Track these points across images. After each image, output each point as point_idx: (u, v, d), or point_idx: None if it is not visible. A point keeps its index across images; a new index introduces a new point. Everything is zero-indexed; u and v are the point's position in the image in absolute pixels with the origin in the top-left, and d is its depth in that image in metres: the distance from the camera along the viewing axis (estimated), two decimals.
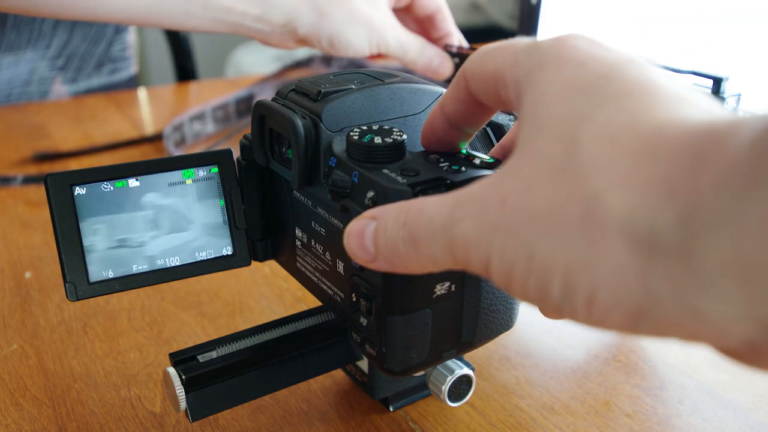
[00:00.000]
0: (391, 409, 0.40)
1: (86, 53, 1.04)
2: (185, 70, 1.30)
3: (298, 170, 0.32)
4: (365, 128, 0.30)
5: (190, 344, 0.38)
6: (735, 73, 0.42)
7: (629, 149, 0.19)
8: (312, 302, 0.50)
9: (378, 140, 0.29)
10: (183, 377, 0.33)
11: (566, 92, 0.21)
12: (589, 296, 0.19)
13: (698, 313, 0.17)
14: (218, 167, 0.36)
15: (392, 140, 0.29)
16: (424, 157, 0.29)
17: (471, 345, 0.32)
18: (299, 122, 0.31)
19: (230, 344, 0.35)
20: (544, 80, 0.22)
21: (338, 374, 0.43)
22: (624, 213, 0.19)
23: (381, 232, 0.25)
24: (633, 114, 0.20)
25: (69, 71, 1.03)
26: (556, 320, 0.44)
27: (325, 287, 0.34)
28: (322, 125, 0.32)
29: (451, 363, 0.36)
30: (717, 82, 0.41)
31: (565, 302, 0.20)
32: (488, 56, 0.25)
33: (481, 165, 0.29)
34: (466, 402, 0.40)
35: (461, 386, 0.37)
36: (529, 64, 0.23)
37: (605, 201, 0.19)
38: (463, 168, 0.28)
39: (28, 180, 0.73)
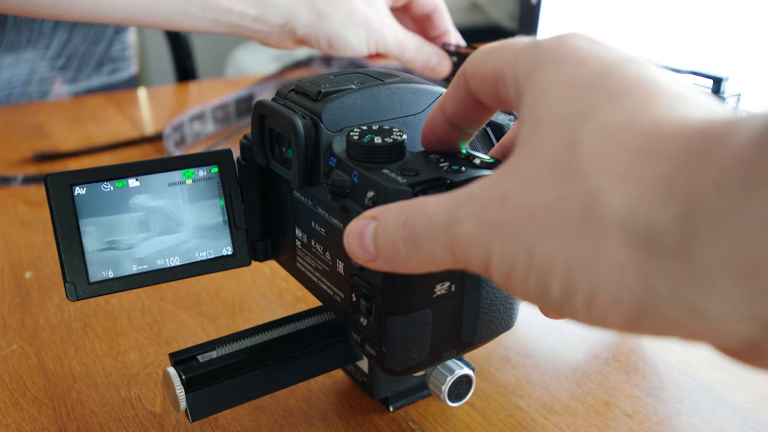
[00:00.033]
0: (391, 409, 0.40)
1: (86, 53, 1.04)
2: (185, 70, 1.30)
3: (298, 170, 0.32)
4: (365, 128, 0.30)
5: (190, 344, 0.38)
6: (735, 73, 0.42)
7: (629, 148, 0.19)
8: (312, 302, 0.50)
9: (378, 140, 0.29)
10: (183, 377, 0.33)
11: (566, 91, 0.21)
12: (589, 295, 0.19)
13: (698, 312, 0.17)
14: (218, 167, 0.36)
15: (392, 140, 0.29)
16: (424, 157, 0.29)
17: (471, 345, 0.32)
18: (299, 122, 0.31)
19: (230, 344, 0.35)
20: (544, 79, 0.22)
21: (338, 374, 0.43)
22: (624, 212, 0.19)
23: (381, 232, 0.25)
24: (633, 113, 0.20)
25: (69, 71, 1.03)
26: (556, 320, 0.44)
27: (325, 287, 0.34)
28: (322, 125, 0.32)
29: (451, 363, 0.36)
30: (717, 82, 0.41)
31: (565, 302, 0.20)
32: (488, 56, 0.25)
33: (481, 165, 0.29)
34: (466, 402, 0.40)
35: (461, 386, 0.37)
36: (529, 64, 0.23)
37: (605, 200, 0.19)
38: (463, 168, 0.28)
39: (28, 180, 0.73)
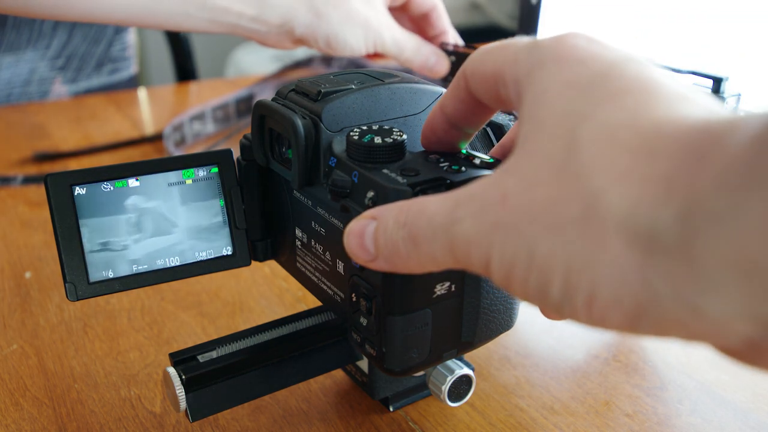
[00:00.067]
0: (391, 409, 0.40)
1: (86, 53, 1.04)
2: (185, 70, 1.30)
3: (298, 170, 0.32)
4: (365, 128, 0.30)
5: (190, 344, 0.38)
6: (735, 73, 0.42)
7: (629, 147, 0.19)
8: (312, 302, 0.50)
9: (378, 140, 0.29)
10: (183, 377, 0.33)
11: (566, 91, 0.21)
12: (589, 295, 0.19)
13: (698, 312, 0.17)
14: (218, 167, 0.36)
15: (392, 140, 0.29)
16: (424, 157, 0.29)
17: (471, 345, 0.32)
18: (299, 122, 0.31)
19: (230, 344, 0.35)
20: (544, 79, 0.22)
21: (338, 374, 0.43)
22: (623, 211, 0.19)
23: (381, 232, 0.25)
24: (632, 112, 0.20)
25: (69, 71, 1.03)
26: (556, 320, 0.44)
27: (325, 287, 0.34)
28: (322, 125, 0.32)
29: (451, 363, 0.36)
30: (717, 82, 0.41)
31: (566, 301, 0.20)
32: (488, 56, 0.25)
33: (481, 165, 0.29)
34: (466, 402, 0.40)
35: (461, 386, 0.37)
36: (529, 63, 0.23)
37: (605, 199, 0.19)
38: (463, 168, 0.28)
39: (28, 180, 0.73)
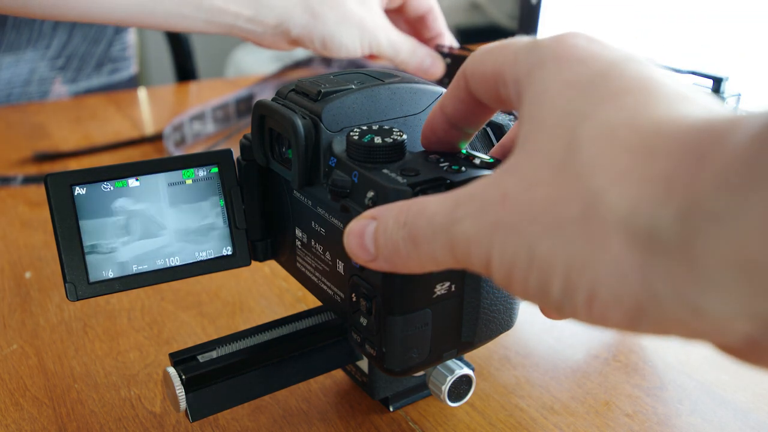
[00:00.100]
0: (391, 409, 0.40)
1: (86, 53, 1.04)
2: (185, 70, 1.30)
3: (298, 170, 0.32)
4: (365, 128, 0.30)
5: (190, 344, 0.38)
6: (735, 73, 0.42)
7: (629, 147, 0.19)
8: (312, 302, 0.50)
9: (378, 140, 0.29)
10: (183, 377, 0.33)
11: (566, 90, 0.21)
12: (590, 294, 0.19)
13: (698, 311, 0.17)
14: (218, 167, 0.36)
15: (392, 140, 0.29)
16: (424, 157, 0.29)
17: (471, 345, 0.32)
18: (299, 122, 0.31)
19: (230, 344, 0.35)
20: (544, 78, 0.22)
21: (338, 374, 0.43)
22: (623, 211, 0.19)
23: (381, 232, 0.25)
24: (632, 112, 0.20)
25: (69, 71, 1.03)
26: (557, 320, 0.44)
27: (325, 287, 0.34)
28: (322, 125, 0.32)
29: (451, 363, 0.36)
30: (717, 82, 0.41)
31: (566, 301, 0.20)
32: (488, 55, 0.25)
33: (481, 165, 0.29)
34: (466, 402, 0.40)
35: (461, 386, 0.37)
36: (529, 63, 0.23)
37: (605, 199, 0.19)
38: (463, 168, 0.28)
39: (28, 180, 0.73)
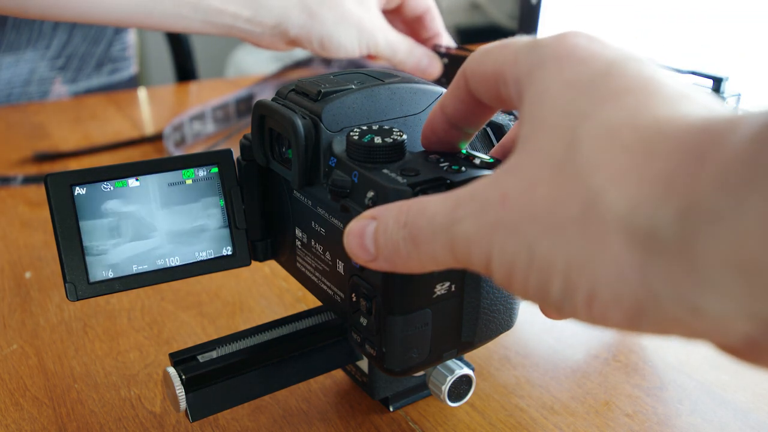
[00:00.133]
0: (391, 409, 0.40)
1: (86, 53, 1.04)
2: (185, 70, 1.30)
3: (298, 170, 0.32)
4: (365, 128, 0.30)
5: (190, 344, 0.38)
6: (735, 73, 0.42)
7: (629, 147, 0.19)
8: (312, 302, 0.50)
9: (378, 140, 0.29)
10: (183, 377, 0.33)
11: (566, 90, 0.21)
12: (589, 294, 0.19)
13: (698, 311, 0.17)
14: (218, 167, 0.36)
15: (392, 140, 0.29)
16: (424, 157, 0.29)
17: (471, 345, 0.32)
18: (299, 122, 0.31)
19: (230, 344, 0.35)
20: (545, 78, 0.22)
21: (338, 374, 0.43)
22: (623, 210, 0.19)
23: (381, 232, 0.25)
24: (633, 111, 0.20)
25: (69, 71, 1.03)
26: (556, 320, 0.44)
27: (325, 287, 0.34)
28: (322, 125, 0.32)
29: (451, 363, 0.36)
30: (717, 82, 0.41)
31: (566, 300, 0.20)
32: (488, 55, 0.25)
33: (481, 165, 0.29)
34: (466, 402, 0.40)
35: (461, 386, 0.37)
36: (530, 62, 0.23)
37: (605, 199, 0.19)
38: (463, 168, 0.28)
39: (28, 180, 0.73)
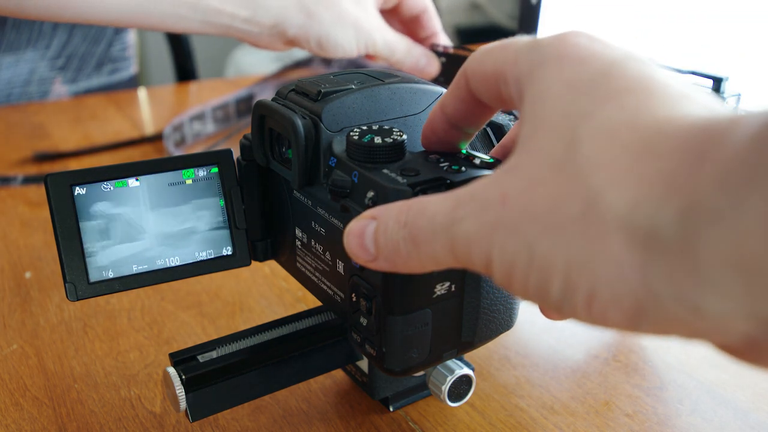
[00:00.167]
0: (391, 409, 0.40)
1: (86, 53, 1.04)
2: (185, 70, 1.30)
3: (298, 170, 0.32)
4: (365, 128, 0.30)
5: (190, 344, 0.38)
6: (735, 73, 0.42)
7: (629, 147, 0.19)
8: (312, 302, 0.50)
9: (378, 140, 0.29)
10: (183, 377, 0.33)
11: (567, 90, 0.21)
12: (589, 294, 0.19)
13: (698, 311, 0.17)
14: (218, 167, 0.36)
15: (392, 140, 0.29)
16: (424, 157, 0.29)
17: (471, 345, 0.32)
18: (299, 122, 0.31)
19: (230, 344, 0.35)
20: (545, 78, 0.22)
21: (338, 374, 0.43)
22: (623, 210, 0.19)
23: (381, 232, 0.25)
24: (633, 111, 0.20)
25: (69, 71, 1.03)
26: (557, 320, 0.44)
27: (325, 287, 0.34)
28: (322, 125, 0.32)
29: (451, 363, 0.36)
30: (717, 82, 0.41)
31: (566, 301, 0.20)
32: (489, 55, 0.25)
33: (481, 165, 0.29)
34: (466, 402, 0.40)
35: (461, 386, 0.37)
36: (530, 62, 0.23)
37: (605, 199, 0.19)
38: (463, 168, 0.28)
39: (28, 180, 0.73)
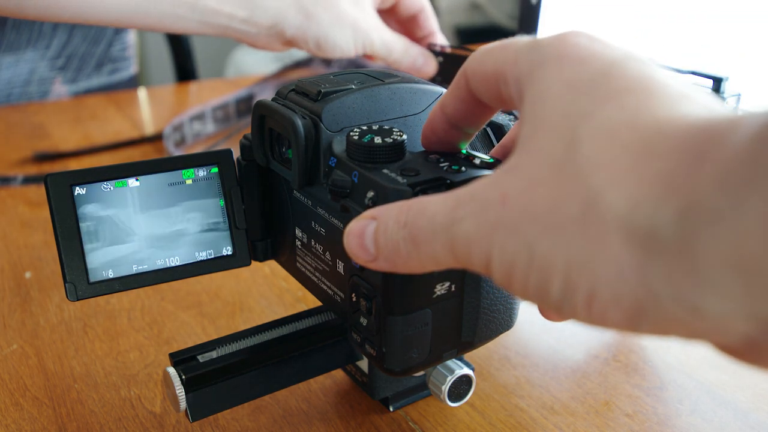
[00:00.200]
0: (391, 409, 0.40)
1: (86, 53, 1.04)
2: (185, 70, 1.30)
3: (298, 170, 0.32)
4: (365, 128, 0.30)
5: (190, 344, 0.38)
6: (735, 73, 0.42)
7: (629, 147, 0.19)
8: (312, 302, 0.50)
9: (378, 140, 0.29)
10: (183, 377, 0.33)
11: (567, 90, 0.21)
12: (589, 294, 0.19)
13: (698, 311, 0.17)
14: (218, 167, 0.36)
15: (392, 140, 0.29)
16: (424, 157, 0.29)
17: (471, 345, 0.32)
18: (299, 122, 0.31)
19: (230, 344, 0.35)
20: (545, 78, 0.22)
21: (338, 374, 0.43)
22: (623, 210, 0.19)
23: (381, 232, 0.25)
24: (633, 112, 0.20)
25: (69, 71, 1.03)
26: (556, 321, 0.44)
27: (325, 287, 0.34)
28: (322, 125, 0.32)
29: (451, 363, 0.36)
30: (717, 82, 0.41)
31: (565, 301, 0.20)
32: (489, 55, 0.25)
33: (481, 165, 0.29)
34: (466, 402, 0.40)
35: (461, 386, 0.37)
36: (530, 62, 0.23)
37: (605, 199, 0.19)
38: (463, 168, 0.28)
39: (28, 180, 0.73)
